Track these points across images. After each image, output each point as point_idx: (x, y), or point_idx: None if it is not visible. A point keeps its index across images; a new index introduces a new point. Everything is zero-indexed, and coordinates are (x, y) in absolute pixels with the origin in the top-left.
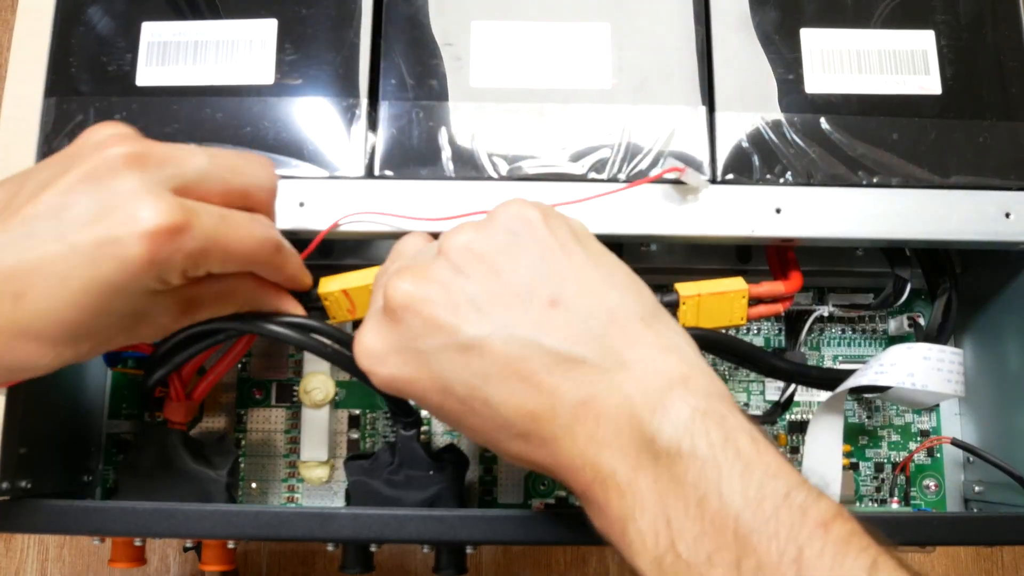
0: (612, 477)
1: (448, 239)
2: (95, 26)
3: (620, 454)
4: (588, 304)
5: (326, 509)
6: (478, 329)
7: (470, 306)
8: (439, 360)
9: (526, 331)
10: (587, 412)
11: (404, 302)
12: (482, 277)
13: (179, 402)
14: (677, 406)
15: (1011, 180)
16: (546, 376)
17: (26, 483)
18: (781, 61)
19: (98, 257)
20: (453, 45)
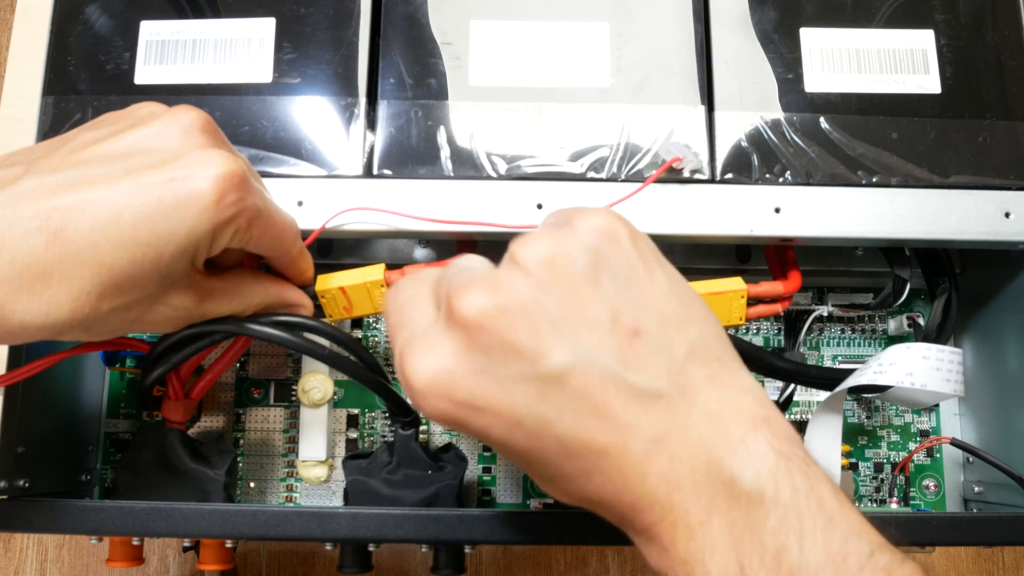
0: (683, 517)
1: (524, 248)
2: (93, 25)
3: (694, 494)
4: (669, 336)
5: (324, 508)
6: (560, 357)
7: (552, 330)
8: (513, 390)
9: (608, 361)
10: (661, 450)
11: (478, 319)
12: (565, 297)
13: (177, 401)
14: (761, 448)
15: (1011, 179)
16: (622, 410)
17: (24, 482)
18: (780, 60)
19: (165, 192)
20: (452, 44)
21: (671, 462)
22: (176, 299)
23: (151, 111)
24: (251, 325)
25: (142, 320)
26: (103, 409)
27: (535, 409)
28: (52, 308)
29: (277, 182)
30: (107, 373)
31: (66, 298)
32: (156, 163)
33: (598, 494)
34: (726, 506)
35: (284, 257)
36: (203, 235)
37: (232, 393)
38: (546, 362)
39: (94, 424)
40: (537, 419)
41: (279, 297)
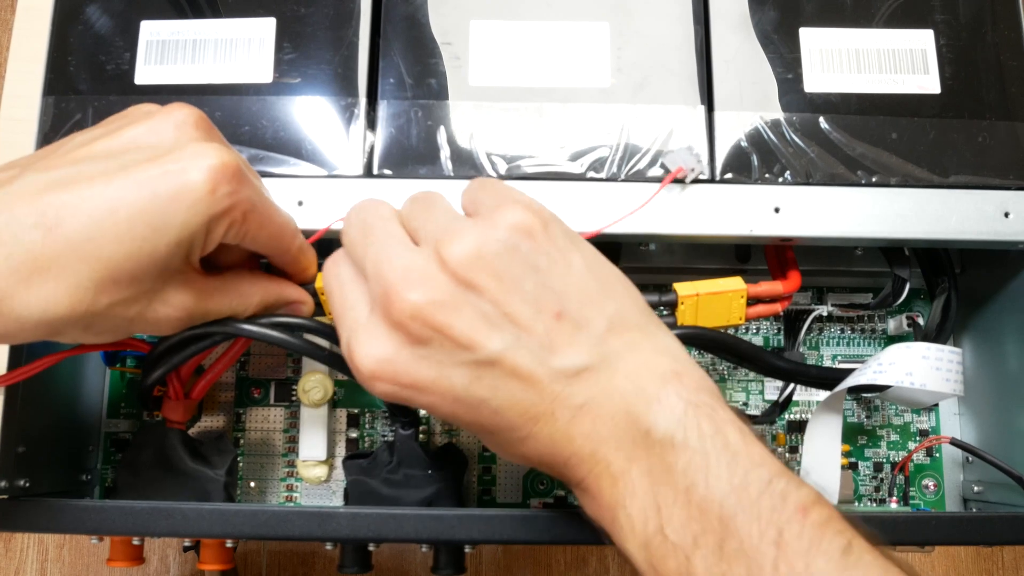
0: (607, 468)
1: (450, 247)
2: (94, 25)
3: (615, 447)
4: (589, 314)
5: (324, 508)
6: (493, 346)
7: (484, 322)
8: (451, 374)
9: (536, 345)
10: (585, 413)
11: (417, 315)
12: (493, 293)
13: (177, 401)
14: (671, 400)
15: (1010, 179)
16: (549, 385)
17: (24, 482)
18: (780, 60)
19: (159, 185)
20: (452, 44)
21: (594, 423)
22: (175, 297)
23: (146, 110)
24: (250, 327)
25: (142, 319)
26: (103, 409)
27: (472, 389)
28: (50, 303)
29: (277, 182)
30: (107, 373)
31: (63, 292)
32: (150, 158)
33: (536, 454)
34: (643, 455)
35: (285, 255)
36: (198, 227)
37: (232, 393)
38: (481, 351)
39: (94, 424)
40: (474, 397)
41: (278, 295)
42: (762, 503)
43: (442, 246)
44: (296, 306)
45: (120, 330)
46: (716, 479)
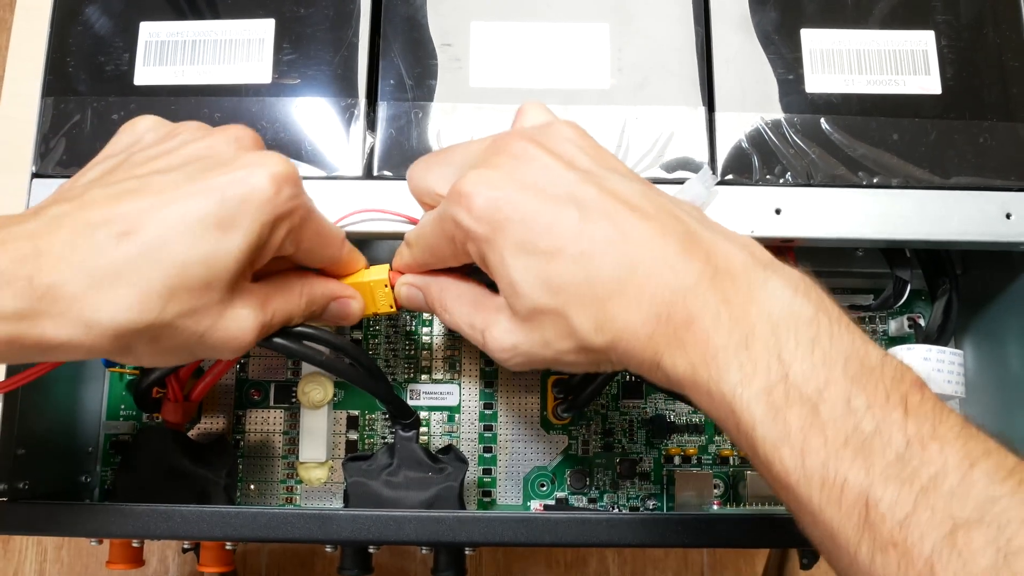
0: (726, 307)
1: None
2: (93, 26)
3: (731, 285)
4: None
5: (324, 510)
6: (591, 171)
7: (585, 159)
8: (557, 180)
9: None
10: (698, 247)
11: (528, 144)
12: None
13: (177, 403)
14: (785, 270)
15: (1012, 180)
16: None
17: (24, 484)
18: (781, 61)
19: (227, 190)
20: (452, 46)
21: (708, 260)
22: (244, 309)
23: (197, 126)
24: None
25: (212, 334)
26: (103, 411)
27: (579, 190)
28: (120, 308)
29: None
30: (107, 375)
31: (135, 298)
32: (213, 167)
33: (637, 290)
34: (765, 297)
35: (337, 263)
36: (264, 228)
37: (232, 395)
38: (579, 166)
39: (94, 426)
40: (583, 197)
41: (326, 291)
42: (884, 370)
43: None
44: (346, 301)
45: (188, 349)
46: (839, 340)
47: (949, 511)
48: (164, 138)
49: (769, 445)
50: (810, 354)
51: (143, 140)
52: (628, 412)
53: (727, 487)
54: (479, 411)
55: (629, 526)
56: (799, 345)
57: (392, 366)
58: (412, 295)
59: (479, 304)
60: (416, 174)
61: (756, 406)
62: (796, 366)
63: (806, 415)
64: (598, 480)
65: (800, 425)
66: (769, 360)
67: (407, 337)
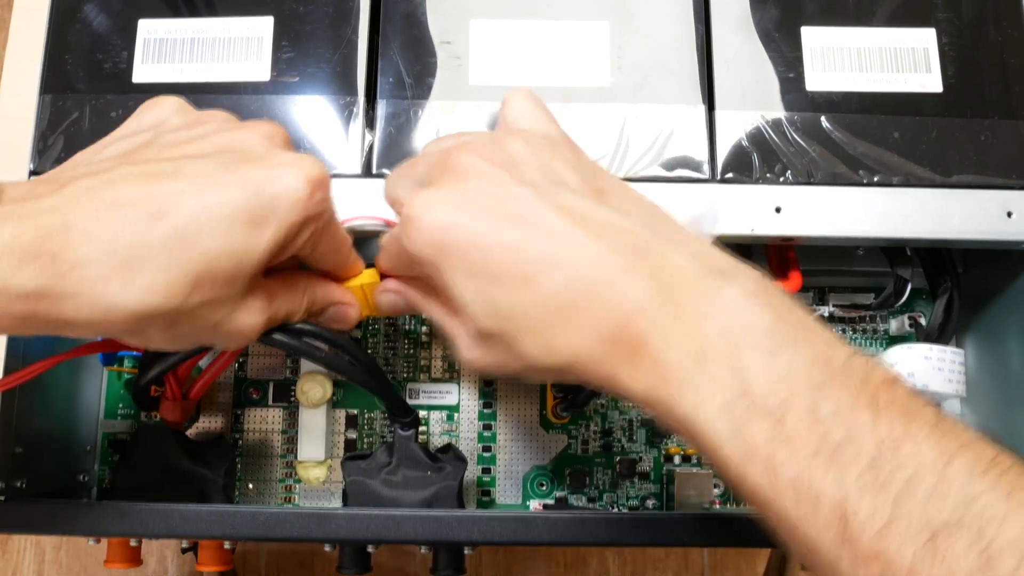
0: (680, 326)
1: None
2: (91, 23)
3: (685, 304)
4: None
5: (323, 509)
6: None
7: (533, 174)
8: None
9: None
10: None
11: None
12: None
13: (175, 402)
14: (742, 275)
15: (1013, 179)
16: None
17: (21, 483)
18: (781, 59)
19: (264, 185)
20: (452, 43)
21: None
22: (255, 304)
23: (225, 117)
24: None
25: (226, 325)
26: (101, 410)
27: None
28: (144, 292)
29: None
30: (105, 373)
31: (161, 283)
32: (249, 160)
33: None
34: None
35: (343, 268)
36: (293, 227)
37: (231, 394)
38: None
39: (92, 425)
40: (525, 224)
41: (326, 295)
42: (851, 371)
43: (500, 139)
44: (343, 308)
45: (200, 336)
46: (801, 345)
47: (926, 517)
48: (193, 123)
49: (737, 463)
50: (770, 365)
51: (169, 122)
52: (627, 411)
53: (727, 486)
54: (478, 410)
55: (629, 525)
56: (758, 356)
57: (391, 365)
58: (392, 301)
59: (449, 312)
60: (388, 185)
61: (718, 424)
62: (756, 379)
63: (770, 429)
64: (597, 479)
65: (765, 440)
66: (726, 375)
67: (406, 336)
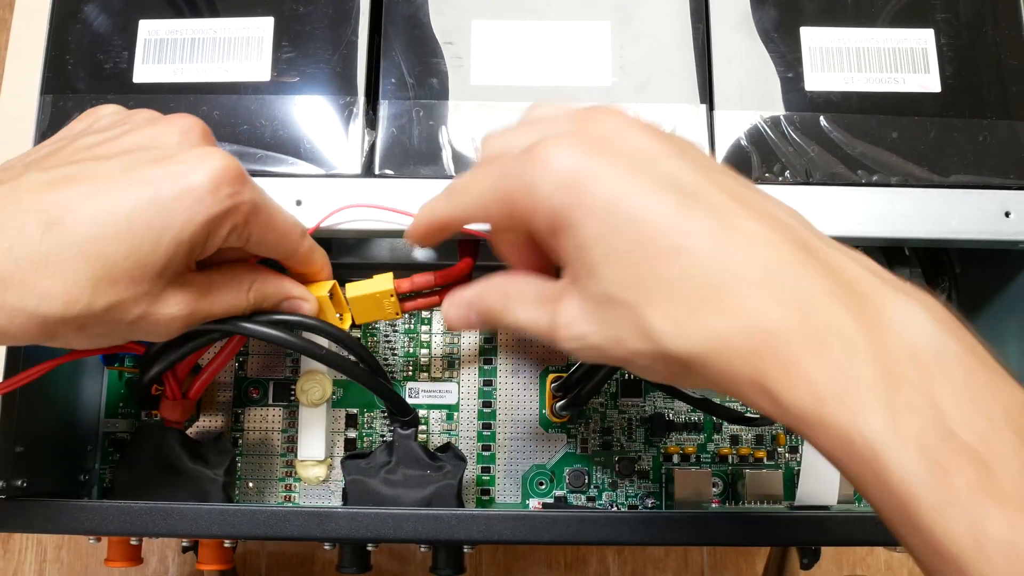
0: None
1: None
2: (92, 24)
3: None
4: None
5: (323, 508)
6: (695, 163)
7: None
8: (661, 162)
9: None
10: (816, 262)
11: (619, 123)
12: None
13: (175, 401)
14: (915, 292)
15: (1011, 179)
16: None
17: (22, 482)
18: (781, 59)
19: (162, 186)
20: (453, 44)
21: (834, 277)
22: (175, 298)
23: (148, 116)
24: (248, 324)
25: (143, 322)
26: (102, 409)
27: (685, 177)
28: (44, 299)
29: (276, 181)
30: (106, 373)
31: (60, 290)
32: (153, 159)
33: (749, 302)
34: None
35: (293, 257)
36: (198, 227)
37: (231, 393)
38: (685, 156)
39: (93, 424)
40: (686, 184)
41: (277, 288)
42: None
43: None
44: (296, 302)
45: (118, 334)
46: (997, 382)
47: None
48: (114, 124)
49: (929, 508)
50: (966, 399)
51: (98, 124)
52: (627, 410)
53: (726, 485)
54: (478, 409)
55: (628, 524)
56: (951, 387)
57: (391, 364)
58: (463, 316)
59: (543, 295)
60: (495, 135)
61: (909, 459)
62: (953, 413)
63: (975, 473)
64: (597, 478)
65: (969, 487)
66: (920, 403)
67: (406, 335)
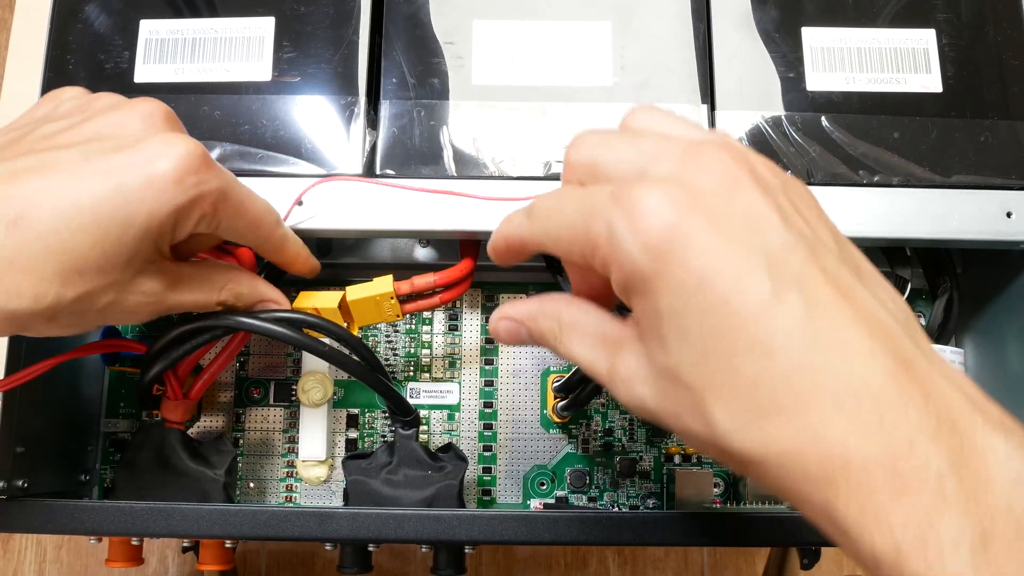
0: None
1: (754, 158)
2: (93, 23)
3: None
4: (889, 292)
5: (324, 508)
6: (808, 237)
7: (800, 218)
8: (762, 235)
9: (852, 278)
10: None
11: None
12: (810, 212)
13: (176, 401)
14: (989, 407)
15: (1012, 179)
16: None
17: (23, 482)
18: (782, 59)
19: (125, 175)
20: (454, 44)
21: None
22: (144, 285)
23: (110, 102)
24: (251, 320)
25: (113, 308)
26: (102, 409)
27: (783, 257)
28: (12, 297)
29: (276, 181)
30: (106, 373)
31: (27, 286)
32: (115, 148)
33: (825, 416)
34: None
35: (266, 243)
36: (165, 216)
37: (232, 393)
38: (795, 228)
39: (93, 424)
40: (785, 272)
41: (252, 289)
42: None
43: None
44: (270, 305)
45: (89, 321)
46: None
47: None
48: (76, 110)
49: None
50: (1009, 525)
51: (59, 109)
52: (628, 411)
53: (727, 486)
54: (479, 409)
55: (629, 525)
56: (995, 516)
57: (392, 364)
58: (513, 331)
59: (604, 336)
60: (590, 143)
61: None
62: (996, 545)
63: None
64: (598, 479)
65: None
66: (1013, 568)
67: (407, 335)
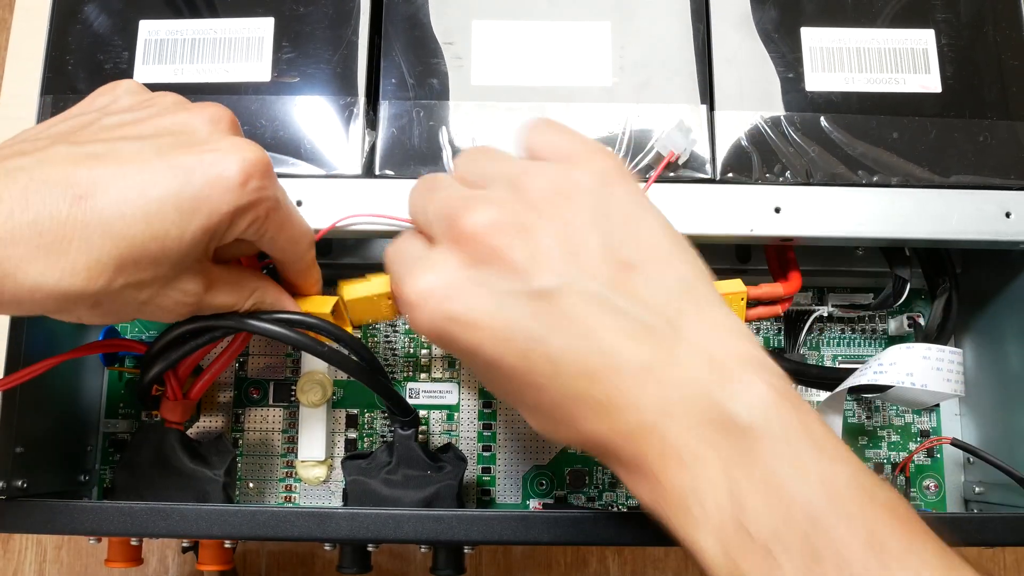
0: (675, 448)
1: (531, 177)
2: (92, 24)
3: (686, 425)
4: (662, 272)
5: (323, 509)
6: (550, 278)
7: (548, 254)
8: (506, 303)
9: (598, 288)
10: (650, 377)
11: (478, 232)
12: (564, 228)
13: (176, 401)
14: (754, 382)
15: (1011, 179)
16: (611, 336)
17: (22, 483)
18: (781, 60)
19: (194, 172)
20: (454, 44)
21: (662, 391)
22: (187, 284)
23: (175, 100)
24: (252, 321)
25: (153, 303)
26: (102, 409)
27: (526, 324)
28: (66, 274)
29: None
30: (106, 373)
31: (83, 266)
32: (185, 145)
33: (587, 422)
34: (720, 438)
35: (298, 263)
36: (224, 216)
37: (231, 393)
38: (537, 279)
39: (93, 424)
40: (528, 335)
41: (275, 300)
42: (850, 500)
43: (522, 175)
44: None
45: (127, 313)
46: (801, 471)
47: None
48: (139, 104)
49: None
50: (767, 496)
51: (119, 102)
52: None
53: None
54: (478, 410)
55: (628, 525)
56: (755, 486)
57: (391, 364)
58: None
59: None
60: (412, 200)
61: (711, 548)
62: (753, 511)
63: (763, 561)
64: (597, 479)
65: None
66: (722, 504)
67: (406, 335)
